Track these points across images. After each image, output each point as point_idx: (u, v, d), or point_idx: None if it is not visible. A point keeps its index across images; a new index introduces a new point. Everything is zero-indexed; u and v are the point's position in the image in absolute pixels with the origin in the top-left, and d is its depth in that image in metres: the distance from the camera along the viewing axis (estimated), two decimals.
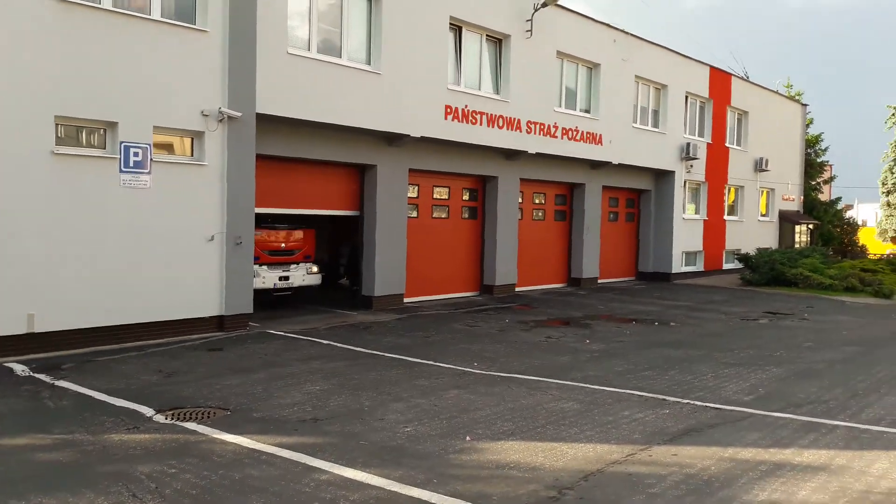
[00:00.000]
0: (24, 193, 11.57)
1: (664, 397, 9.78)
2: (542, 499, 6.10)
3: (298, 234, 17.99)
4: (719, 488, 6.37)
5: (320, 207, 17.80)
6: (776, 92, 36.75)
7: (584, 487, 6.37)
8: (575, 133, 22.85)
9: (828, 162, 45.34)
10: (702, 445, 7.64)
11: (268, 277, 17.03)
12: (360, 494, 6.18)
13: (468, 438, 7.80)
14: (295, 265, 17.72)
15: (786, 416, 8.88)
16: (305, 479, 6.52)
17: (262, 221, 17.06)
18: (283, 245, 17.64)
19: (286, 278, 17.42)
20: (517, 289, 22.56)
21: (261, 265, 16.80)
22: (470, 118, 19.32)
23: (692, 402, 9.52)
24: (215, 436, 7.81)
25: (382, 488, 6.32)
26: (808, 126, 40.97)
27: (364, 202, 18.36)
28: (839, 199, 46.04)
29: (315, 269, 18.22)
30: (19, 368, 10.87)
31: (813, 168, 41.76)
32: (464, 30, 19.63)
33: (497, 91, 20.62)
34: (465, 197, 21.41)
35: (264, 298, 17.20)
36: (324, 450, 7.35)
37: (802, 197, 38.63)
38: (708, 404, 9.44)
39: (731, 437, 7.99)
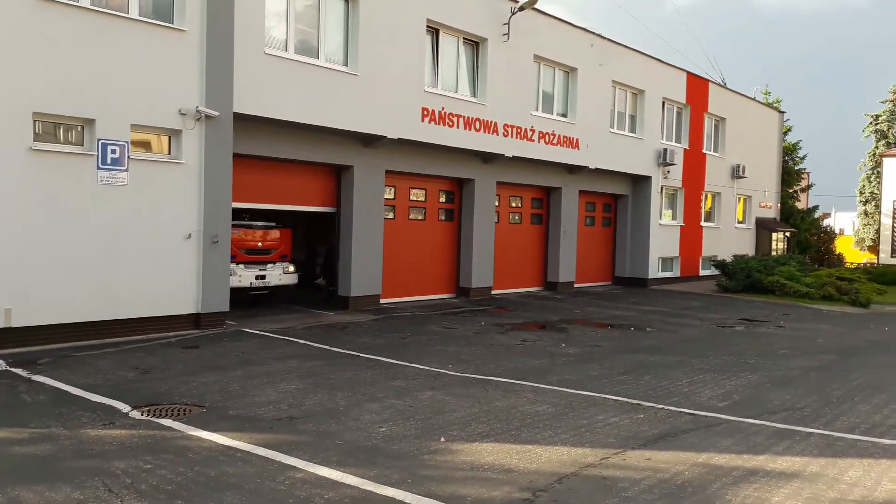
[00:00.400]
0: (1, 189, 11.49)
1: (639, 402, 9.84)
2: (515, 500, 6.13)
3: (275, 233, 17.98)
4: (692, 493, 6.42)
5: (298, 204, 17.80)
6: (754, 99, 37.07)
7: (557, 490, 6.41)
8: (552, 137, 22.95)
9: (805, 170, 45.75)
10: (676, 450, 7.69)
11: (244, 276, 17.00)
12: (334, 493, 6.18)
13: (443, 439, 7.82)
14: (272, 264, 17.70)
15: (760, 423, 8.95)
16: (280, 477, 6.51)
17: (239, 218, 17.04)
18: (259, 244, 17.62)
19: (263, 277, 17.40)
20: (493, 292, 22.61)
21: (237, 264, 16.77)
22: (447, 121, 19.36)
23: (667, 408, 9.58)
24: (191, 432, 7.79)
25: (357, 487, 6.32)
26: (785, 133, 41.34)
27: (341, 203, 18.36)
28: (816, 207, 46.48)
29: (292, 268, 18.20)
30: None
31: (790, 176, 42.11)
32: (441, 32, 19.67)
33: (474, 94, 20.67)
34: (442, 199, 21.44)
35: (241, 297, 17.15)
36: (299, 448, 7.34)
37: (780, 204, 38.96)
38: (683, 410, 9.51)
39: (705, 442, 8.06)
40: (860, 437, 8.43)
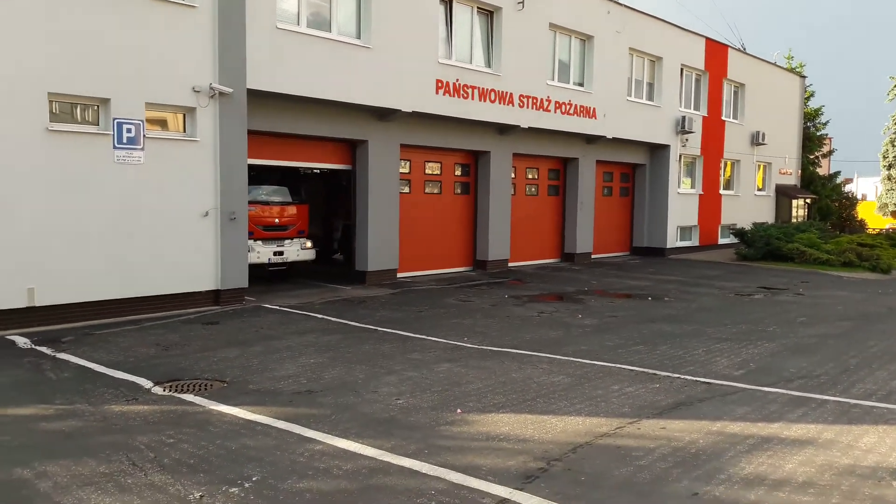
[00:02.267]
0: (20, 170, 11.64)
1: (655, 372, 9.88)
2: (530, 469, 6.21)
3: (292, 209, 18.05)
4: (706, 461, 6.47)
5: (314, 161, 17.95)
6: (774, 64, 36.62)
7: (572, 459, 6.48)
8: (568, 107, 22.84)
9: (827, 135, 45.24)
10: (690, 419, 7.74)
11: (262, 252, 17.11)
12: (352, 464, 6.28)
13: (459, 411, 7.90)
14: (289, 240, 17.79)
15: (776, 391, 8.98)
16: (300, 449, 6.62)
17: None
18: (277, 220, 17.70)
19: (280, 253, 17.50)
20: (510, 264, 22.66)
21: (255, 240, 16.89)
22: (461, 92, 19.30)
23: (682, 377, 9.62)
24: (212, 407, 7.92)
25: (374, 458, 6.43)
26: (807, 99, 40.86)
27: (356, 178, 18.39)
28: (838, 172, 45.96)
29: (309, 244, 18.29)
30: (21, 341, 11.03)
31: (812, 141, 41.66)
32: (454, 2, 19.54)
33: (489, 64, 20.58)
34: (458, 172, 21.43)
35: (259, 273, 17.28)
36: (318, 421, 7.46)
37: (800, 171, 38.59)
38: (698, 379, 9.54)
39: (720, 411, 8.09)
40: (876, 404, 8.44)
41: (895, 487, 5.93)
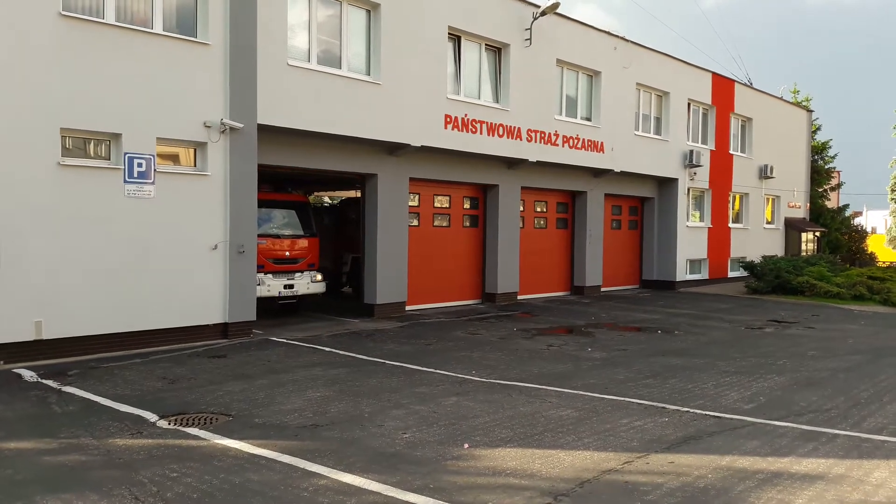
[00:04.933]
0: (31, 204, 11.74)
1: (664, 405, 9.81)
2: None
3: (303, 242, 18.08)
4: (715, 496, 6.40)
5: (330, 167, 17.60)
6: (781, 98, 36.72)
7: (579, 494, 6.42)
8: (576, 141, 22.93)
9: (835, 168, 45.24)
10: (699, 453, 7.67)
11: (273, 286, 17.10)
12: (357, 499, 6.23)
13: (466, 445, 7.85)
14: (299, 273, 17.78)
15: (786, 425, 8.90)
16: (304, 484, 6.58)
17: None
18: (287, 254, 17.71)
19: (291, 286, 17.48)
20: (519, 297, 22.62)
21: (265, 273, 16.90)
22: (470, 127, 19.41)
23: (692, 411, 9.54)
24: (217, 441, 7.89)
25: (379, 493, 6.38)
26: (815, 132, 40.93)
27: (365, 211, 18.46)
28: (847, 206, 45.89)
29: (319, 277, 18.29)
30: (27, 374, 11.03)
31: (820, 175, 41.67)
32: (463, 39, 19.73)
33: (497, 100, 20.71)
34: (467, 205, 21.49)
35: (269, 307, 17.29)
36: (323, 455, 7.41)
37: (809, 204, 38.55)
38: (708, 412, 9.47)
39: (729, 445, 8.02)
40: (887, 438, 8.34)
41: None
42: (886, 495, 6.47)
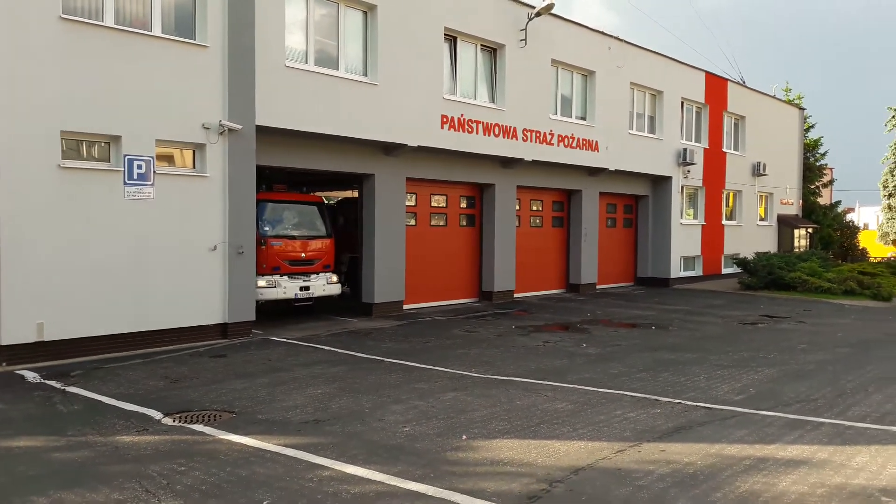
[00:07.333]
0: (32, 206, 11.91)
1: (657, 398, 10.06)
2: (533, 491, 6.40)
3: (318, 243, 17.88)
4: (703, 481, 6.65)
5: (328, 168, 17.74)
6: (773, 96, 37.01)
7: (573, 481, 6.66)
8: (571, 140, 23.16)
9: (827, 165, 45.55)
10: (690, 442, 7.92)
11: (288, 287, 16.98)
12: (360, 488, 6.48)
13: (464, 437, 8.09)
14: (315, 275, 17.63)
15: (773, 415, 9.16)
16: (309, 475, 6.82)
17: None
18: (303, 255, 17.49)
19: (307, 288, 17.34)
20: (516, 295, 22.85)
21: (281, 275, 16.86)
22: (466, 127, 19.63)
23: (683, 402, 9.79)
24: (222, 436, 8.11)
25: (382, 482, 6.62)
26: (807, 130, 41.24)
27: (363, 211, 18.66)
28: (839, 202, 46.25)
29: (335, 278, 18.12)
30: (31, 375, 11.21)
31: (812, 172, 41.97)
32: (458, 40, 19.95)
33: (493, 100, 20.93)
34: (463, 205, 21.72)
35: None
36: (326, 448, 7.65)
37: (801, 201, 38.84)
38: (699, 404, 9.72)
39: (718, 434, 8.27)
40: (870, 426, 8.62)
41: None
42: (866, 478, 6.73)
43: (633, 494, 6.33)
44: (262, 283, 16.19)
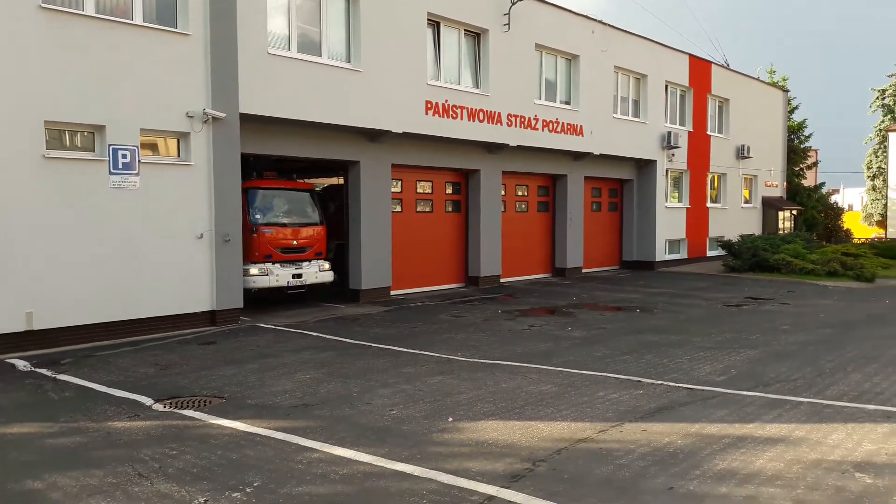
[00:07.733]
0: (18, 196, 11.96)
1: (640, 379, 10.23)
2: (516, 470, 6.55)
3: (310, 230, 17.83)
4: (683, 459, 6.82)
5: (313, 155, 17.82)
6: (757, 79, 37.17)
7: (556, 460, 6.82)
8: (556, 125, 23.28)
9: (811, 147, 45.85)
10: (671, 422, 8.09)
11: (281, 275, 16.95)
12: (348, 469, 6.62)
13: (450, 419, 8.24)
14: (307, 262, 17.61)
15: (754, 395, 9.34)
16: (298, 457, 6.96)
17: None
18: (294, 242, 17.44)
19: (299, 276, 17.32)
20: (502, 280, 23.01)
21: (273, 263, 16.86)
22: (450, 113, 19.71)
23: (666, 383, 9.97)
24: (212, 421, 8.24)
25: (369, 463, 6.77)
26: (791, 112, 41.49)
27: (349, 198, 18.74)
28: (823, 184, 46.65)
29: (327, 265, 18.09)
30: (21, 364, 11.30)
31: (796, 154, 42.25)
32: (442, 25, 19.99)
33: (477, 85, 21.01)
34: (449, 191, 21.83)
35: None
36: (315, 431, 7.79)
37: (786, 183, 39.10)
38: (681, 385, 9.89)
39: (699, 413, 8.45)
40: (847, 404, 8.81)
41: (857, 479, 6.29)
42: (841, 454, 6.92)
43: (613, 473, 6.50)
44: (254, 270, 16.27)
